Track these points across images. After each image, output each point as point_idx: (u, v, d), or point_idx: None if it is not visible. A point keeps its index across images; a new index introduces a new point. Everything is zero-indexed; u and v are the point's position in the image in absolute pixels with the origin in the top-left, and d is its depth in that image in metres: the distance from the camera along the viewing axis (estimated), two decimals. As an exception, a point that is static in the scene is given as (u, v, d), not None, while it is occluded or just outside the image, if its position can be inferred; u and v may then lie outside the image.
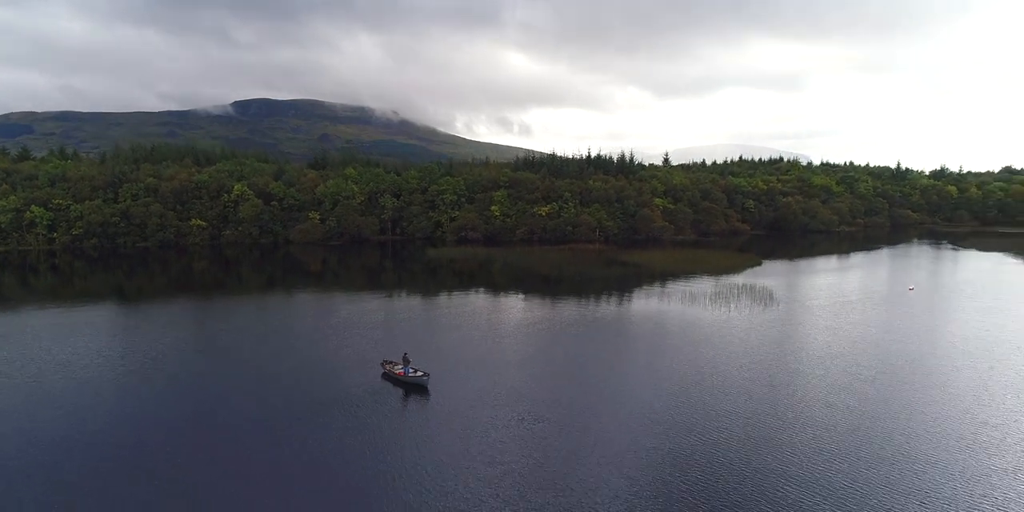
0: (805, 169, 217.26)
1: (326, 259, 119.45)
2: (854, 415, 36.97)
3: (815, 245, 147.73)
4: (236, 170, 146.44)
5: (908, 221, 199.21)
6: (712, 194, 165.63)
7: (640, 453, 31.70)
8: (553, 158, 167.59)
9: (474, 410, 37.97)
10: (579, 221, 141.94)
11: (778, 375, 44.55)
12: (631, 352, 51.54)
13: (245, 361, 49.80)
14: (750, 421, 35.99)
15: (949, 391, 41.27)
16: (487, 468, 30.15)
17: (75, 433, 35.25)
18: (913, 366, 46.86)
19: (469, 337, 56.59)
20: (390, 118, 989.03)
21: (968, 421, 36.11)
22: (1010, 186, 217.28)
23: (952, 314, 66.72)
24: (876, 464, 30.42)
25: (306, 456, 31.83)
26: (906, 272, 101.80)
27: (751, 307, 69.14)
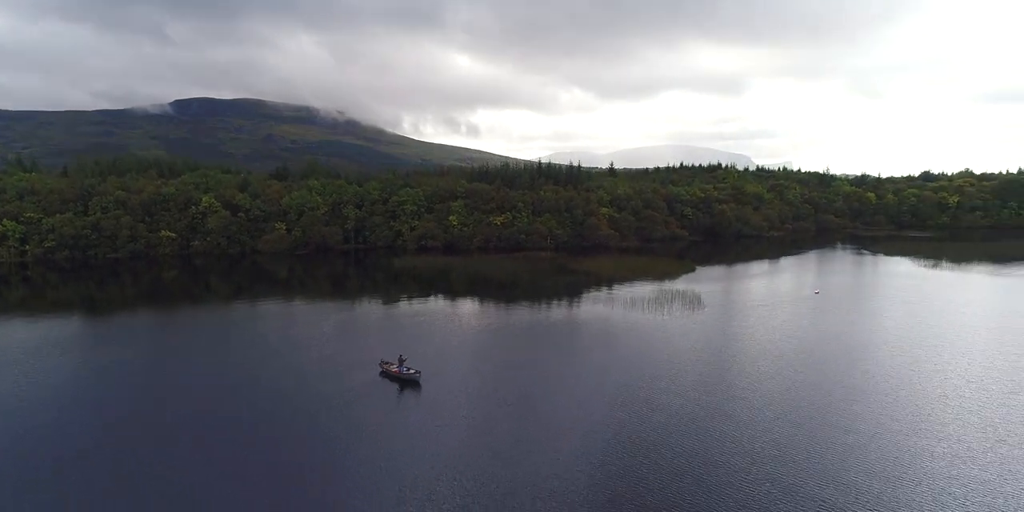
0: (740, 177, 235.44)
1: (294, 268, 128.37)
2: (771, 404, 50.13)
3: (746, 250, 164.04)
4: (202, 182, 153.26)
5: (832, 226, 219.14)
6: (653, 203, 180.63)
7: (590, 432, 43.90)
8: (506, 168, 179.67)
9: (458, 400, 49.52)
10: (532, 230, 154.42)
11: (703, 369, 57.59)
12: (583, 352, 63.85)
13: (253, 364, 59.93)
14: (681, 409, 48.68)
15: (827, 378, 55.01)
16: (469, 448, 41.86)
17: (78, 434, 45.31)
18: (805, 358, 60.67)
19: (449, 340, 67.98)
20: (335, 118, 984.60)
21: (842, 403, 49.70)
22: (922, 192, 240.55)
23: (845, 315, 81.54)
24: (795, 441, 43.42)
25: (321, 439, 42.70)
26: (817, 276, 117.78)
27: (683, 311, 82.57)
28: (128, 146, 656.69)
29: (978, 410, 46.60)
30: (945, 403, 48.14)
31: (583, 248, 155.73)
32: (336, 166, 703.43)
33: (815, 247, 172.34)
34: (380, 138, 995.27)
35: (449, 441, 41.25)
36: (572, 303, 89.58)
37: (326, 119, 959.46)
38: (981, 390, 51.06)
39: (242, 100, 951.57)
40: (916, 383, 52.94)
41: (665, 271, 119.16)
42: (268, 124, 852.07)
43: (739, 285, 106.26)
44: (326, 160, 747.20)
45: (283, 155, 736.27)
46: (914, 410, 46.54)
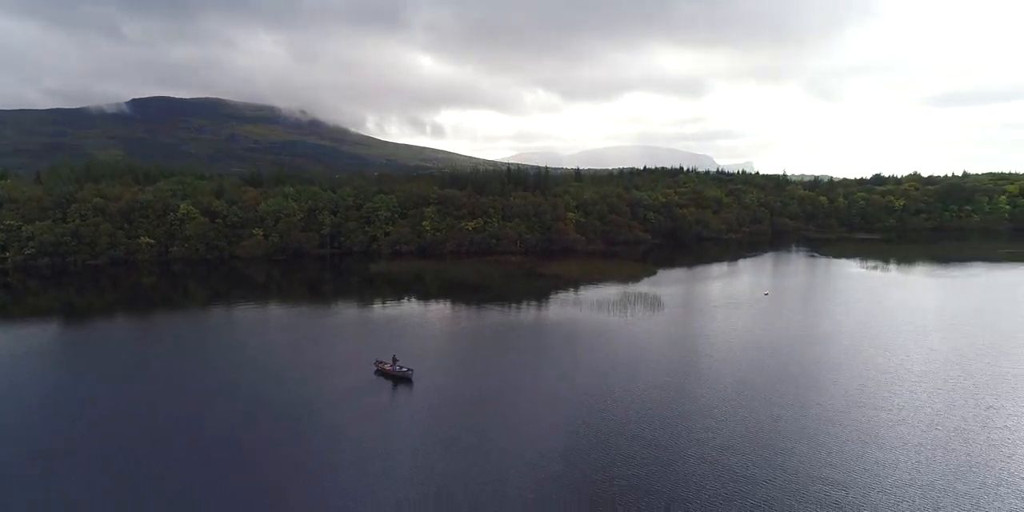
0: (700, 181, 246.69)
1: (273, 273, 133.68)
2: (723, 396, 58.59)
3: (705, 252, 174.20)
4: (179, 189, 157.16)
5: (786, 228, 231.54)
6: (618, 207, 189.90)
7: (563, 423, 51.72)
8: (477, 174, 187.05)
9: (446, 395, 56.91)
10: (502, 234, 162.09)
11: (663, 366, 65.94)
12: (556, 351, 71.70)
13: (249, 366, 66.37)
14: (641, 401, 56.80)
15: (772, 371, 63.82)
16: (457, 436, 49.36)
17: (82, 433, 51.71)
18: (753, 355, 69.50)
19: (433, 341, 75.26)
20: (298, 118, 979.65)
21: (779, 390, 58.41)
22: (871, 196, 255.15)
23: (791, 315, 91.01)
24: (747, 428, 51.77)
25: (324, 428, 49.84)
26: (769, 278, 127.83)
27: (645, 312, 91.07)
28: (84, 146, 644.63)
29: (918, 398, 55.78)
30: (888, 391, 57.26)
31: (551, 252, 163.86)
32: (301, 166, 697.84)
33: (770, 249, 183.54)
34: (344, 138, 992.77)
35: (439, 430, 48.64)
36: (543, 305, 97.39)
37: (289, 119, 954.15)
38: (921, 381, 60.39)
39: (202, 99, 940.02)
40: (859, 375, 62.08)
41: (628, 274, 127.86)
42: (230, 124, 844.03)
43: (697, 287, 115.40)
44: (290, 160, 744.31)
45: (246, 155, 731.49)
46: (857, 400, 55.50)
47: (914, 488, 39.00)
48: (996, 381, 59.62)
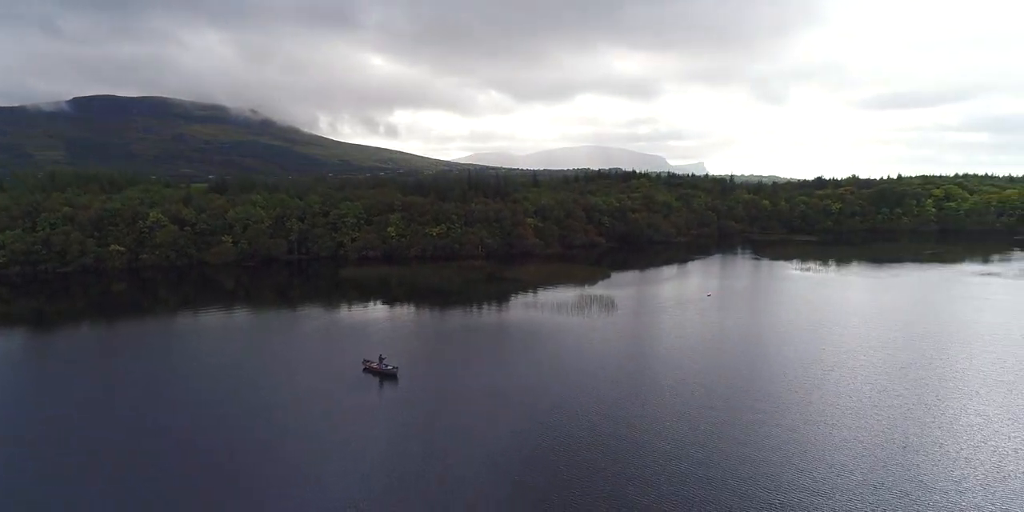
0: (652, 187, 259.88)
1: (242, 279, 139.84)
2: (671, 390, 68.87)
3: (656, 255, 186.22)
4: (147, 197, 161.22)
5: (732, 231, 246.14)
6: (574, 212, 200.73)
7: (531, 414, 61.28)
8: (439, 182, 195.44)
9: (428, 390, 65.86)
10: (465, 239, 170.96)
11: (617, 362, 76.09)
12: (522, 350, 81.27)
13: (246, 365, 74.06)
14: (599, 397, 66.70)
15: (711, 366, 74.55)
16: (437, 426, 58.47)
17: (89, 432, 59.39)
18: (696, 351, 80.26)
19: (410, 342, 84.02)
20: (249, 117, 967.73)
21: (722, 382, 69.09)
22: (810, 199, 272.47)
23: (731, 315, 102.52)
24: (693, 419, 61.95)
25: (318, 420, 58.41)
26: (713, 279, 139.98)
27: (600, 313, 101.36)
28: (24, 146, 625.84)
29: (845, 390, 67.06)
30: (822, 383, 68.45)
31: (512, 256, 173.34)
32: (252, 167, 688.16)
33: (717, 251, 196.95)
34: (297, 138, 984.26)
35: (422, 421, 57.61)
36: (508, 308, 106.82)
37: (239, 118, 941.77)
38: (850, 373, 71.85)
39: (148, 98, 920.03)
40: (791, 370, 73.29)
41: (585, 277, 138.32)
42: (178, 123, 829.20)
43: (648, 289, 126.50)
44: (241, 161, 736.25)
45: (196, 156, 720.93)
46: (793, 395, 66.47)
47: (856, 474, 49.80)
48: (926, 371, 71.58)
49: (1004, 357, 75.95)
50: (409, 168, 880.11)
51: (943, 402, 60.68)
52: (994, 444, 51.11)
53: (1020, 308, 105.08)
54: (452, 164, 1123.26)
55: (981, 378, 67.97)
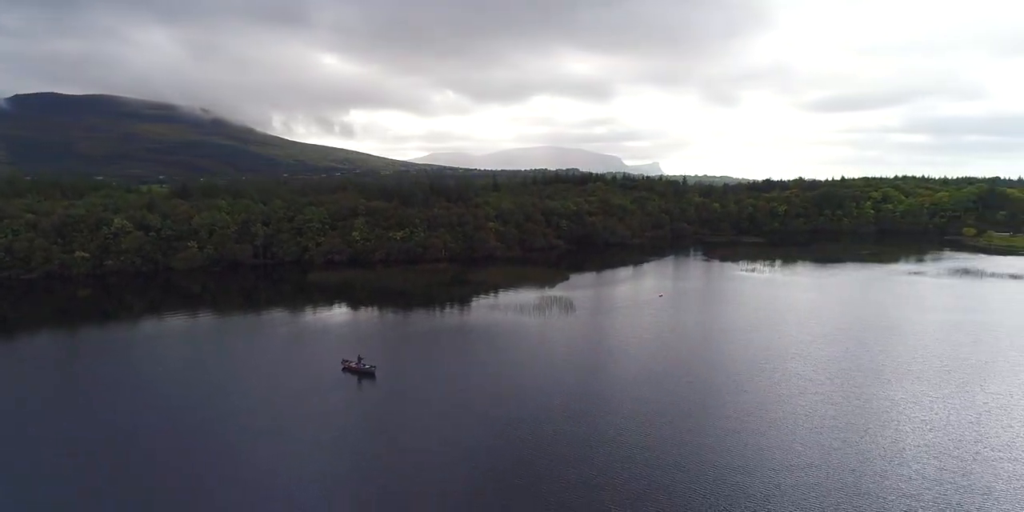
0: (608, 189, 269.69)
1: (208, 284, 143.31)
2: (626, 386, 76.61)
3: (612, 257, 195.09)
4: (109, 203, 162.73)
5: (685, 233, 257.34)
6: (533, 216, 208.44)
7: (497, 410, 68.37)
8: (401, 187, 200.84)
9: (404, 386, 72.36)
10: (428, 243, 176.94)
11: (576, 358, 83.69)
12: (486, 350, 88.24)
13: (233, 366, 79.33)
14: (560, 393, 74.12)
15: (682, 361, 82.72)
16: (413, 420, 65.17)
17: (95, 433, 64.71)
18: (649, 349, 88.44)
19: (390, 343, 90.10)
20: (200, 117, 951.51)
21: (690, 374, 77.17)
22: (758, 202, 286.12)
23: (681, 314, 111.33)
24: (647, 413, 69.67)
25: (301, 416, 64.54)
26: (665, 280, 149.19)
27: (559, 314, 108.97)
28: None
29: (777, 381, 75.72)
30: (756, 374, 77.02)
31: (474, 259, 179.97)
32: (205, 167, 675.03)
33: (670, 253, 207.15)
34: (250, 138, 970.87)
35: (398, 416, 64.19)
36: (473, 310, 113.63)
37: (189, 117, 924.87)
38: (782, 366, 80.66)
39: (94, 96, 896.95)
40: (732, 365, 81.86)
41: (544, 280, 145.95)
42: (125, 122, 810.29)
43: (604, 291, 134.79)
44: (193, 161, 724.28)
45: (146, 156, 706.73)
46: (740, 387, 74.85)
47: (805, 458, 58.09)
48: (848, 363, 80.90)
49: (916, 349, 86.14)
50: (366, 168, 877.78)
51: (858, 389, 69.89)
52: (896, 423, 60.18)
53: (937, 305, 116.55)
54: (409, 164, 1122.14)
55: (893, 368, 77.67)
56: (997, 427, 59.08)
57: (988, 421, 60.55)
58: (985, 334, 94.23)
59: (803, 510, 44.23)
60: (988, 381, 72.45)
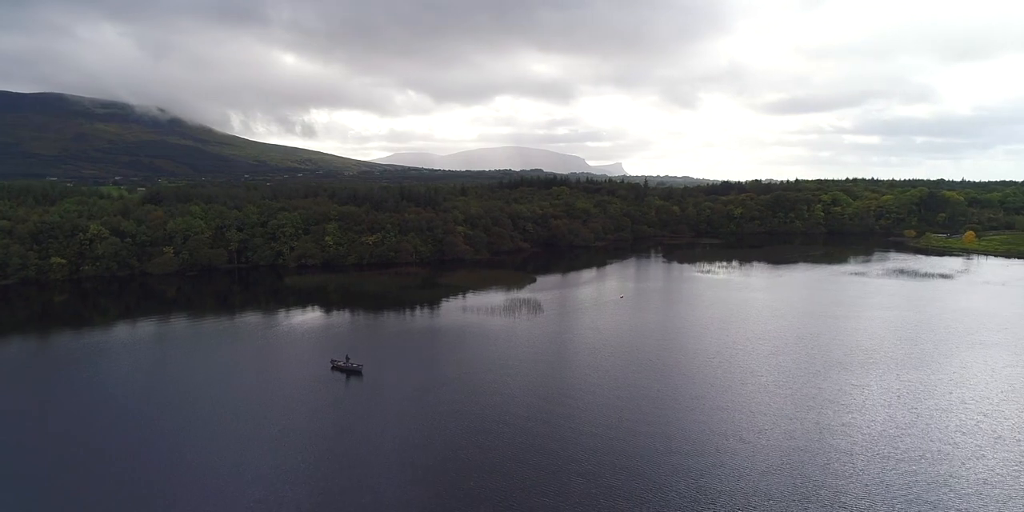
0: (571, 193, 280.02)
1: (185, 288, 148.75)
2: (592, 383, 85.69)
3: (576, 259, 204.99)
4: (84, 210, 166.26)
5: (645, 235, 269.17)
6: (500, 220, 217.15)
7: (470, 401, 76.90)
8: (372, 193, 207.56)
9: (388, 382, 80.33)
10: (399, 247, 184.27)
11: (542, 355, 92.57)
12: (460, 349, 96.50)
13: (227, 365, 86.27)
14: (528, 391, 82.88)
15: (639, 357, 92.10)
16: (397, 415, 73.35)
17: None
18: (610, 347, 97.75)
19: (372, 343, 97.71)
20: (156, 116, 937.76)
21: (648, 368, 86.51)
22: (715, 205, 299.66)
23: (640, 314, 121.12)
24: (610, 409, 78.72)
25: (291, 411, 72.25)
26: (626, 282, 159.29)
27: (528, 315, 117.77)
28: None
29: (723, 374, 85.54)
30: (706, 367, 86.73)
31: (444, 262, 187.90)
32: (162, 168, 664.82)
33: (632, 255, 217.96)
34: (209, 138, 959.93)
35: (383, 411, 72.24)
36: (447, 312, 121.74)
37: (145, 117, 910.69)
38: (728, 361, 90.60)
39: (43, 94, 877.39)
40: (686, 360, 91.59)
41: (513, 282, 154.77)
42: (78, 122, 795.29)
43: (569, 292, 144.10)
44: (150, 161, 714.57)
45: (100, 156, 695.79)
46: (684, 379, 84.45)
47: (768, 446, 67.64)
48: (786, 356, 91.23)
49: (846, 343, 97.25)
50: (328, 169, 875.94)
51: (791, 380, 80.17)
52: (820, 408, 70.39)
53: (872, 303, 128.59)
54: (373, 165, 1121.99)
55: (824, 361, 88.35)
56: (904, 410, 69.71)
57: (898, 405, 71.19)
58: (908, 329, 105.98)
59: (736, 481, 53.63)
60: (904, 371, 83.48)
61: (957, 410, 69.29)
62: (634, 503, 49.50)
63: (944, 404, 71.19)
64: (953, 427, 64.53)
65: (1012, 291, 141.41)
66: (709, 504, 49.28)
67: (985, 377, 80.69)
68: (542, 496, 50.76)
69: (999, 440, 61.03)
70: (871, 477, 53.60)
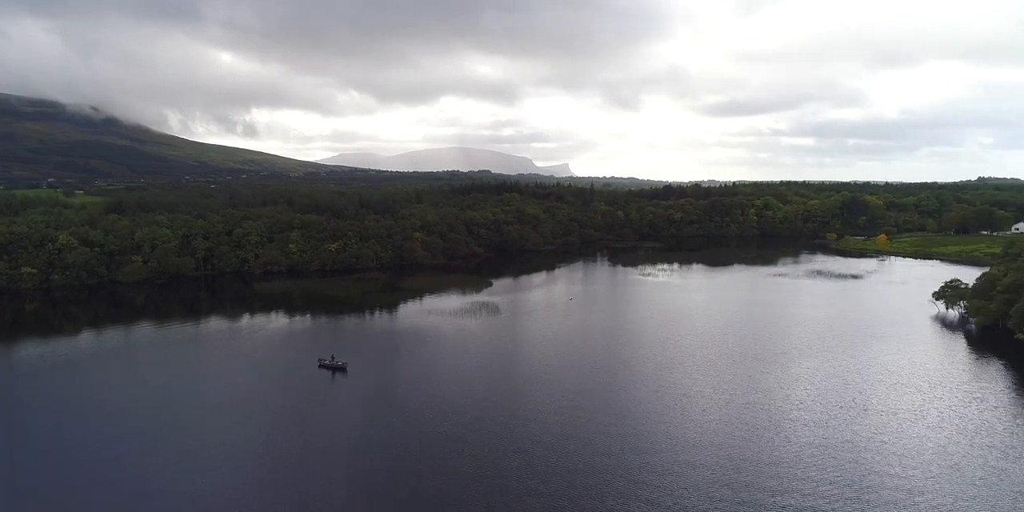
0: (522, 199, 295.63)
1: (151, 296, 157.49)
2: (538, 372, 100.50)
3: (528, 262, 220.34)
4: (51, 220, 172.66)
5: (592, 239, 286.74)
6: (455, 226, 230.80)
7: (447, 393, 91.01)
8: (333, 201, 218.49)
9: (370, 378, 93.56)
10: (361, 254, 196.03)
11: (501, 353, 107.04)
12: (428, 349, 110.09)
13: (220, 365, 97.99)
14: (489, 380, 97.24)
15: (591, 354, 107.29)
16: (379, 406, 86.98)
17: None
18: (562, 345, 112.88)
19: (350, 343, 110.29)
20: (89, 115, 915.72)
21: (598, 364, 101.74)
22: (656, 210, 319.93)
23: (588, 314, 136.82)
24: (566, 406, 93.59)
25: (283, 405, 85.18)
26: (574, 284, 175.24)
27: (487, 317, 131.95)
28: None
29: (643, 370, 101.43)
30: (630, 365, 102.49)
31: (403, 267, 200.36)
32: (97, 169, 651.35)
33: (579, 258, 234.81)
34: (147, 138, 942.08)
35: (365, 403, 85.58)
36: (415, 315, 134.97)
37: (77, 116, 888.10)
38: (647, 359, 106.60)
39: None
40: (625, 356, 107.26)
41: (471, 286, 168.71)
42: (4, 121, 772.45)
43: (522, 295, 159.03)
44: (84, 162, 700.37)
45: (30, 157, 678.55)
46: (638, 380, 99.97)
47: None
48: (705, 349, 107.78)
49: (763, 337, 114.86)
50: (273, 170, 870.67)
51: (712, 368, 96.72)
52: (730, 390, 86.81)
53: (787, 301, 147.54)
54: (319, 166, 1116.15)
55: (741, 352, 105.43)
56: (799, 391, 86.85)
57: (794, 387, 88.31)
58: (816, 325, 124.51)
59: (648, 454, 69.04)
60: (804, 359, 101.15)
61: (840, 390, 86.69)
62: (575, 476, 64.33)
63: (831, 386, 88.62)
64: (834, 402, 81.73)
65: (909, 289, 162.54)
66: (652, 473, 64.52)
67: (868, 363, 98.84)
68: (486, 465, 65.17)
69: (864, 411, 78.44)
70: (766, 440, 69.85)
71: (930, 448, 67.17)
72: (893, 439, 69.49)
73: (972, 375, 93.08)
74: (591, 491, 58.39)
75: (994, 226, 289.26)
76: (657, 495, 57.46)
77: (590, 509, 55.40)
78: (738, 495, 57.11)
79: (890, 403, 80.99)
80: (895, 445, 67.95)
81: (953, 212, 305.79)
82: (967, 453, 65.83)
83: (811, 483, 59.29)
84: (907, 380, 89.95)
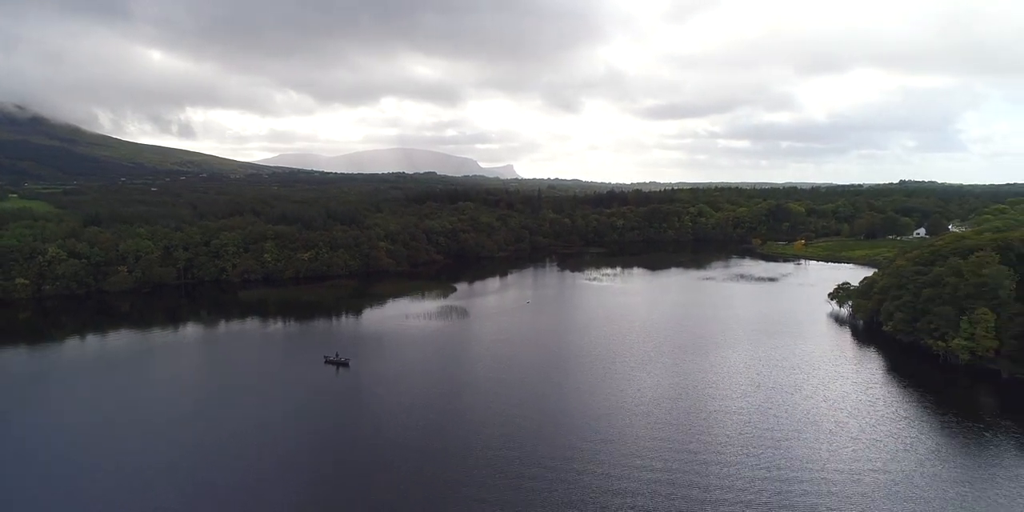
0: (476, 208, 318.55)
1: (138, 304, 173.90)
2: (503, 375, 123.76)
3: (483, 268, 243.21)
4: (36, 233, 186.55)
5: (542, 245, 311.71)
6: (416, 235, 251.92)
7: (441, 385, 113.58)
8: (302, 212, 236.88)
9: (370, 372, 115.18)
10: (332, 262, 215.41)
11: (462, 358, 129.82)
12: (409, 350, 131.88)
13: (231, 367, 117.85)
14: (451, 389, 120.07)
15: (537, 356, 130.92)
16: (376, 398, 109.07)
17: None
18: (526, 344, 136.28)
19: (354, 345, 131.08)
20: (14, 114, 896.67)
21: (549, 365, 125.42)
22: (600, 217, 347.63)
23: (546, 317, 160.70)
24: (529, 403, 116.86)
25: (291, 397, 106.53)
26: (531, 289, 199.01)
27: (458, 319, 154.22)
28: None
29: (583, 369, 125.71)
30: (613, 366, 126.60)
31: (370, 274, 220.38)
32: (26, 170, 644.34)
33: (530, 264, 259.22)
34: (78, 138, 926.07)
35: (364, 394, 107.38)
36: (384, 319, 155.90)
37: (1, 114, 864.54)
38: (589, 357, 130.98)
39: None
40: (594, 357, 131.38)
41: (437, 291, 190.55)
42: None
43: (485, 299, 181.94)
44: (11, 164, 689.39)
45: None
46: (593, 375, 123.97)
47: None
48: (643, 345, 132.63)
49: (688, 332, 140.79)
50: (212, 171, 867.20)
51: (646, 358, 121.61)
52: (658, 374, 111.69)
53: (703, 302, 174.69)
54: (259, 167, 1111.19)
55: (670, 345, 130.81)
56: (698, 378, 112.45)
57: (709, 371, 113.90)
58: (727, 323, 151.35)
59: (599, 420, 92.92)
60: (714, 352, 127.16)
61: (743, 372, 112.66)
62: (518, 454, 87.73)
63: (737, 369, 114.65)
64: (737, 382, 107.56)
65: (816, 291, 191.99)
66: (606, 445, 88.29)
67: (769, 351, 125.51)
68: (452, 449, 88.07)
69: (758, 388, 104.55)
70: (683, 409, 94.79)
71: (800, 411, 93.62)
72: (775, 406, 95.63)
73: (845, 359, 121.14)
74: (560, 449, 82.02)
75: (899, 231, 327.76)
76: (603, 447, 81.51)
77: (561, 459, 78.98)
78: (663, 444, 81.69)
79: (778, 381, 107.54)
80: (777, 410, 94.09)
81: (863, 219, 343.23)
82: (824, 413, 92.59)
83: (712, 436, 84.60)
84: (795, 364, 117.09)
